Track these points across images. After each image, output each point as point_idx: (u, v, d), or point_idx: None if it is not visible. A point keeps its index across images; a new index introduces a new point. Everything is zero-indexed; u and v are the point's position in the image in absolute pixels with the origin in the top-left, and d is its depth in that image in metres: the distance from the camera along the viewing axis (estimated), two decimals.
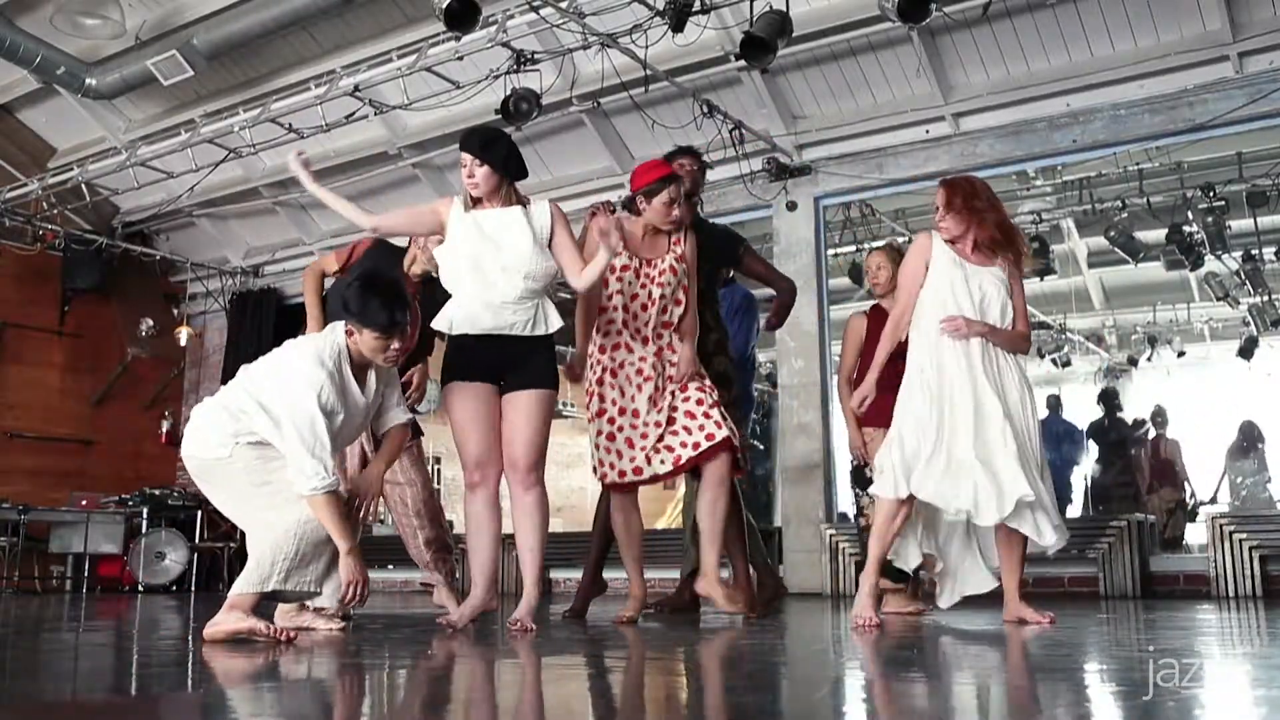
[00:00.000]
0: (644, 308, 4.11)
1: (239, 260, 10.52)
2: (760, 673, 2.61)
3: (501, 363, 3.75)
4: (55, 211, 9.46)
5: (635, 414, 4.03)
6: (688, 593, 4.89)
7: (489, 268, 3.68)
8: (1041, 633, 3.50)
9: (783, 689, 2.31)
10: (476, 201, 3.82)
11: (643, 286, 4.13)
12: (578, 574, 5.21)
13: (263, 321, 10.03)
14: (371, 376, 3.52)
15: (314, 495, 3.24)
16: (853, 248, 10.40)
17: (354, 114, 7.71)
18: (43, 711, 1.98)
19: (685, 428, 4.01)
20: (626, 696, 2.23)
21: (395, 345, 3.40)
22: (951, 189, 3.96)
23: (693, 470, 4.11)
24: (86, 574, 8.87)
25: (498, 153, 3.82)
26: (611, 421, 4.05)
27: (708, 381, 4.16)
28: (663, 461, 4.01)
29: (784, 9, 6.06)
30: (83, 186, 9.00)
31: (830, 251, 9.21)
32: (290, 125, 7.92)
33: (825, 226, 8.12)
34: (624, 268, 4.10)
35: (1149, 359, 13.95)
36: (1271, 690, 2.12)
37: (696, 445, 3.98)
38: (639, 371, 4.07)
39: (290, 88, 7.98)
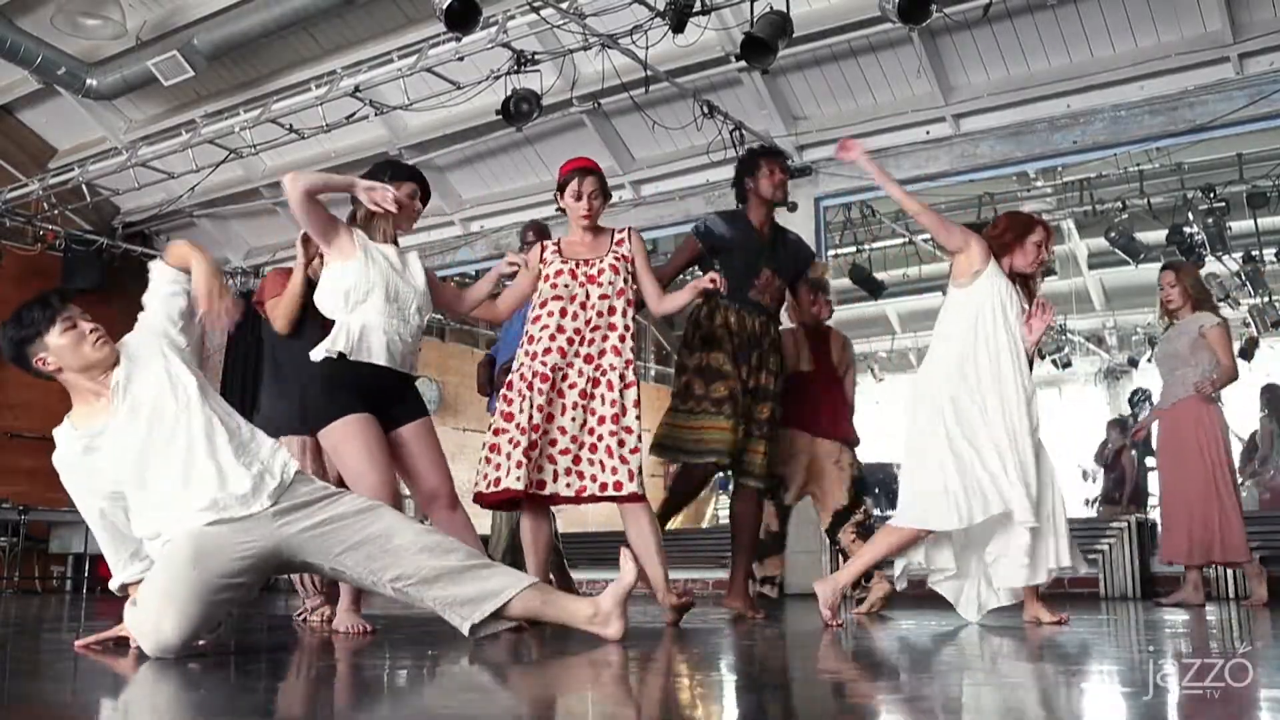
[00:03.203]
0: (582, 307, 3.95)
1: (240, 261, 10.52)
2: (761, 673, 2.61)
3: (388, 399, 3.65)
4: (56, 212, 9.47)
5: (550, 418, 3.87)
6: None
7: (405, 302, 3.64)
8: (1043, 633, 3.50)
9: (783, 689, 2.31)
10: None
11: (581, 286, 3.97)
12: (581, 574, 5.31)
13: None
14: (115, 376, 2.86)
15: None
16: (853, 248, 10.41)
17: (354, 114, 7.71)
18: (43, 712, 1.98)
19: (601, 462, 3.84)
20: (626, 696, 2.23)
21: (87, 325, 2.87)
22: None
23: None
24: (87, 574, 8.88)
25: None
26: (536, 429, 3.85)
27: (628, 418, 3.92)
28: (569, 485, 3.85)
29: (784, 10, 6.07)
30: (83, 187, 9.01)
31: (831, 252, 9.22)
32: (291, 126, 7.93)
33: (826, 227, 8.13)
34: (558, 273, 3.98)
35: (1149, 360, 13.94)
36: (1272, 691, 2.12)
37: (604, 487, 3.83)
38: (564, 378, 3.90)
39: (291, 88, 7.98)
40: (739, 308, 4.55)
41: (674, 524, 10.82)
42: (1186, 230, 9.68)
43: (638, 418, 3.91)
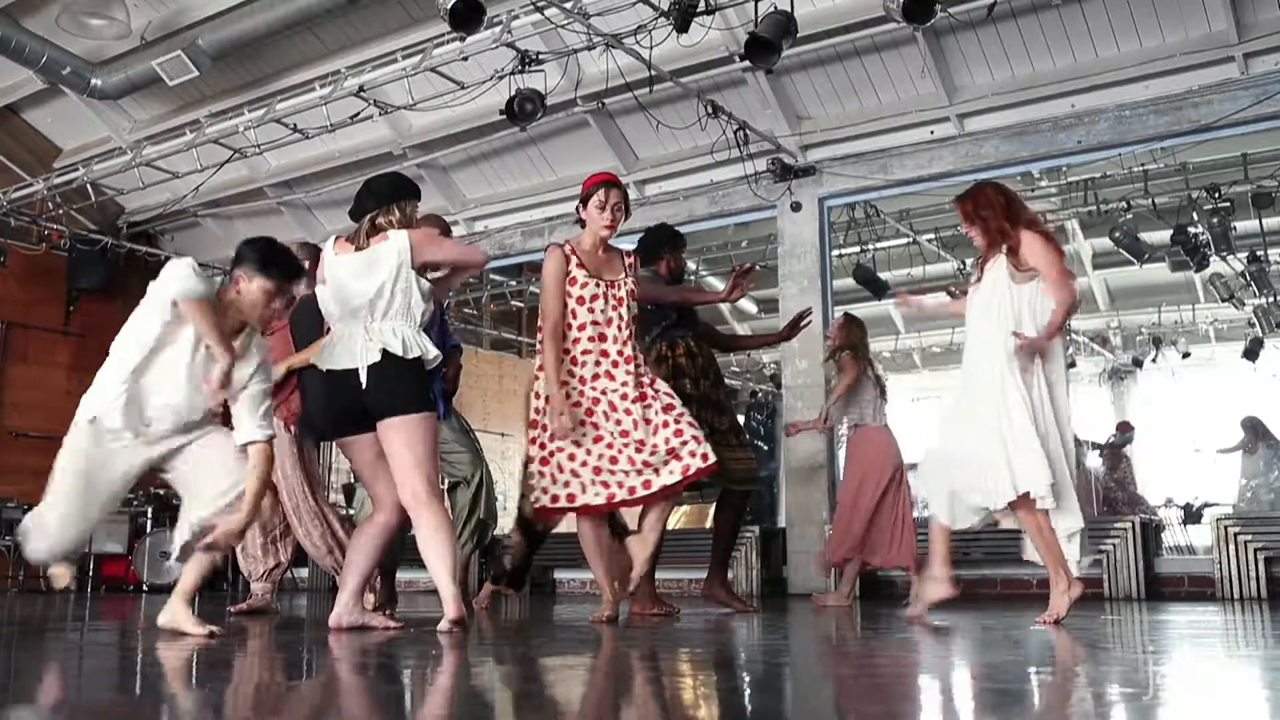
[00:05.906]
0: (619, 330, 4.13)
1: None
2: (764, 673, 2.61)
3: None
4: (61, 212, 9.49)
5: (625, 434, 4.03)
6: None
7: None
8: (1045, 633, 3.50)
9: (786, 689, 2.31)
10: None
11: (614, 309, 4.15)
12: (581, 574, 5.33)
13: None
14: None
15: None
16: (857, 248, 10.40)
17: (359, 114, 7.72)
18: (46, 712, 1.98)
19: (684, 439, 4.04)
20: (626, 696, 2.23)
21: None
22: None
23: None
24: (91, 573, 8.88)
25: None
26: (610, 446, 4.05)
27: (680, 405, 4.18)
28: (671, 471, 4.01)
29: (789, 10, 6.06)
30: (88, 187, 9.02)
31: (834, 252, 9.21)
32: (295, 126, 7.93)
33: (830, 227, 8.12)
34: (594, 296, 4.13)
35: (1154, 360, 13.93)
36: (1274, 691, 2.12)
37: (705, 457, 4.03)
38: (624, 396, 4.07)
39: (295, 88, 7.99)
40: (692, 335, 4.99)
41: (678, 524, 10.86)
42: (1191, 230, 9.66)
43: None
